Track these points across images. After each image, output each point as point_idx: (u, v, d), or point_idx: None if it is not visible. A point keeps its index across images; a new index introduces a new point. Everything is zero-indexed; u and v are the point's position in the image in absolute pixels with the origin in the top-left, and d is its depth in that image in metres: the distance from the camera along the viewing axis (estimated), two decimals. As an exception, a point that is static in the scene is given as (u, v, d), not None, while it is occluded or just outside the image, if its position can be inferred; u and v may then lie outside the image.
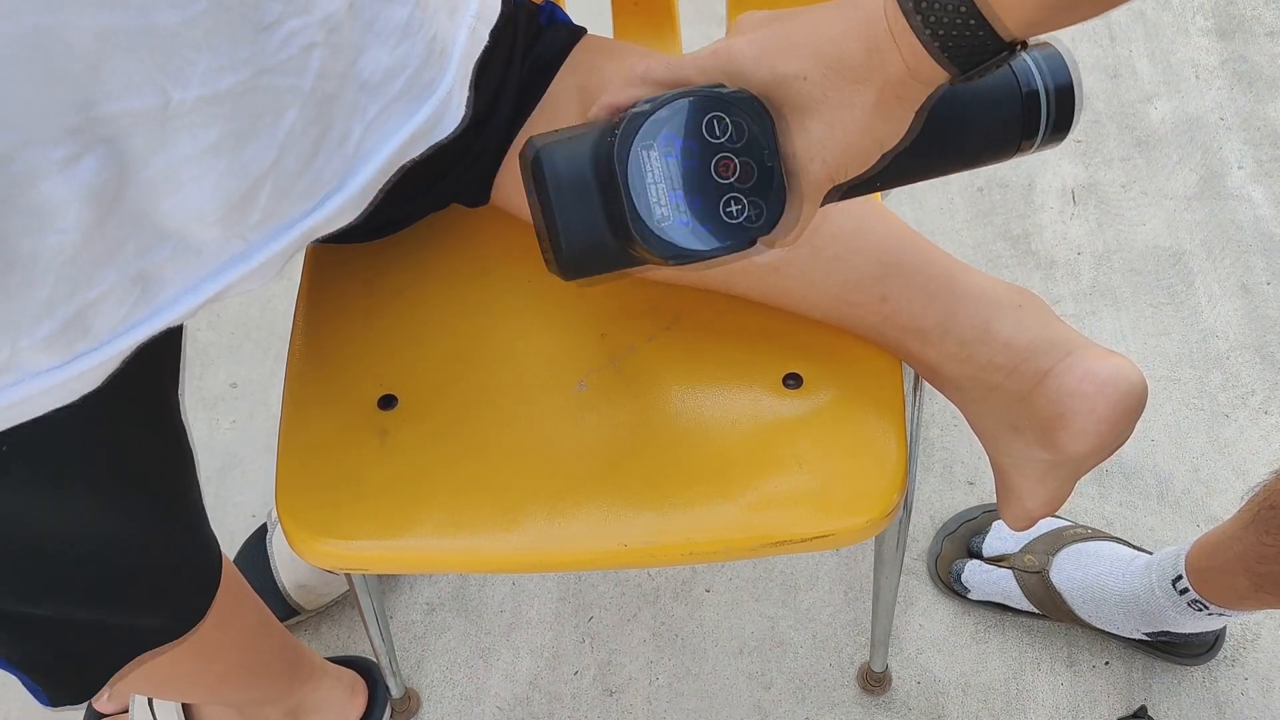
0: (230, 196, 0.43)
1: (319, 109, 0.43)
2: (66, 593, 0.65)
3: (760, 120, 0.50)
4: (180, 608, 0.73)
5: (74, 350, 0.43)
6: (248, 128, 0.41)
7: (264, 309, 1.35)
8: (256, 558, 1.11)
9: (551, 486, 0.68)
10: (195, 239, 0.44)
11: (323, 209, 0.47)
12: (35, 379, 0.43)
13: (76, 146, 0.38)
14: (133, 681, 0.78)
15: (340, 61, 0.43)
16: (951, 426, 1.22)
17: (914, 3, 0.44)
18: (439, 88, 0.49)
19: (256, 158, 0.42)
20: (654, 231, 0.50)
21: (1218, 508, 1.16)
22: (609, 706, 1.08)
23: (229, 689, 0.88)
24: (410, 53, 0.46)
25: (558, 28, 0.73)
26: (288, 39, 0.41)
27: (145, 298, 0.44)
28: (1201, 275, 1.33)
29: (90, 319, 0.43)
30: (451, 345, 0.73)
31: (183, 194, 0.41)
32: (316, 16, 0.41)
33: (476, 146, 0.71)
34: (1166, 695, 1.06)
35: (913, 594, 1.13)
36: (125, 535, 0.65)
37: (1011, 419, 0.65)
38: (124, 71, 0.37)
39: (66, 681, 0.72)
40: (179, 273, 0.45)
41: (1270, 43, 1.53)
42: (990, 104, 0.54)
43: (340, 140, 0.46)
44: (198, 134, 0.40)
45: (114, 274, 0.42)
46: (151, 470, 0.65)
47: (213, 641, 0.80)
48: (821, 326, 0.71)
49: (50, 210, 0.38)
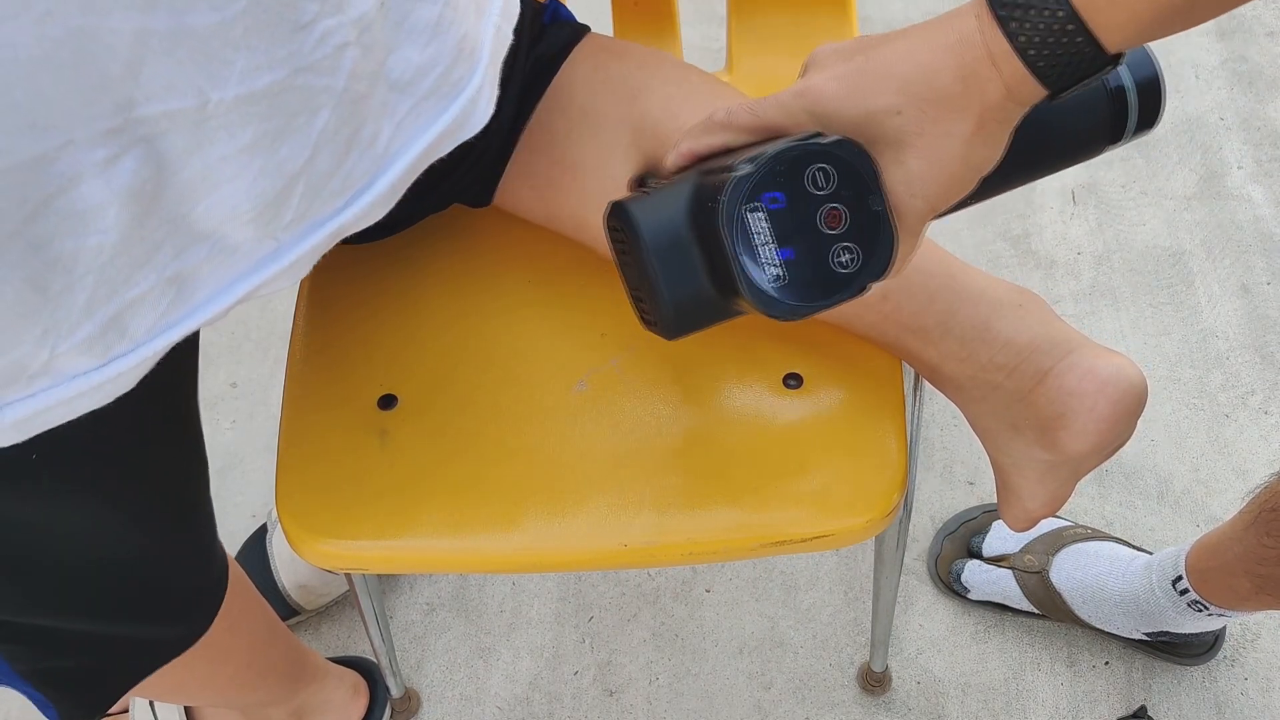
0: (265, 196, 0.43)
1: (351, 108, 0.44)
2: (83, 605, 0.65)
3: (863, 165, 0.48)
4: (193, 620, 0.73)
5: (111, 352, 0.43)
6: (283, 127, 0.42)
7: (264, 309, 1.35)
8: (256, 558, 1.11)
9: (551, 486, 0.68)
10: (230, 239, 0.44)
11: (353, 207, 0.47)
12: (73, 381, 0.43)
13: (116, 147, 0.38)
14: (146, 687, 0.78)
15: (372, 61, 0.43)
16: (951, 426, 1.22)
17: (1016, 23, 0.43)
18: (468, 86, 0.49)
19: (291, 157, 0.43)
20: (767, 293, 0.49)
21: (1218, 508, 1.16)
22: (609, 706, 1.08)
23: (236, 691, 0.88)
24: (440, 52, 0.46)
25: (561, 26, 0.73)
26: (323, 38, 0.41)
27: (180, 298, 0.44)
28: (1201, 275, 1.33)
29: (127, 320, 0.43)
30: (451, 345, 0.73)
31: (219, 194, 0.42)
32: (350, 16, 0.42)
33: (480, 146, 0.71)
34: (1166, 695, 1.06)
35: (913, 594, 1.13)
36: (145, 548, 0.65)
37: (1012, 418, 0.65)
38: (163, 73, 0.37)
39: (77, 696, 0.71)
40: (214, 273, 0.45)
41: (1270, 43, 1.53)
42: (1077, 107, 0.53)
43: (371, 139, 0.46)
44: (235, 133, 0.40)
45: (152, 275, 0.42)
46: (172, 481, 0.65)
47: (223, 645, 0.80)
48: (822, 326, 0.71)
49: (90, 211, 0.39)
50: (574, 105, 0.70)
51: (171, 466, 0.65)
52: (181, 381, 0.63)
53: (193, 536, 0.70)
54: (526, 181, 0.73)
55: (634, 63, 0.71)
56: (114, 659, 0.71)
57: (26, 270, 0.38)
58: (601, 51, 0.72)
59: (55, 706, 0.71)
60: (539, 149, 0.71)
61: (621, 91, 0.70)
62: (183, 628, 0.72)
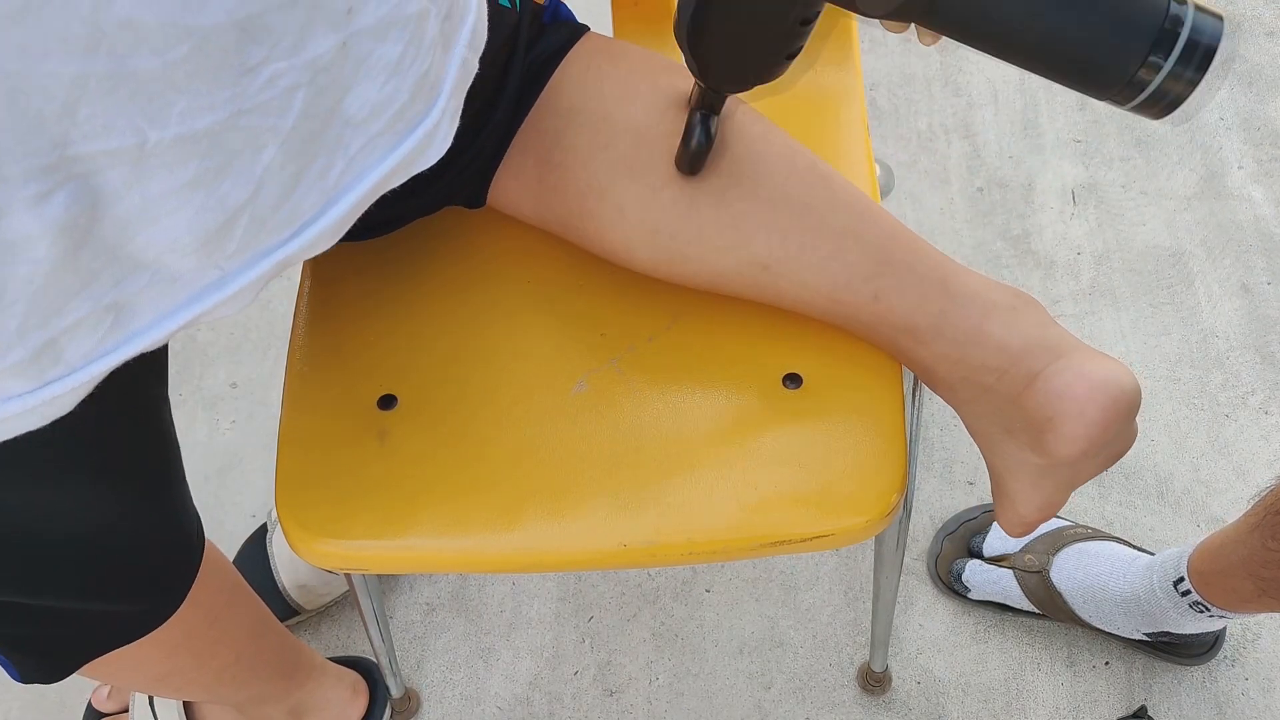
0: (207, 229, 0.42)
1: (301, 145, 0.43)
2: (42, 580, 0.65)
3: None
4: (159, 594, 0.73)
5: (45, 376, 0.43)
6: (224, 164, 0.41)
7: (264, 309, 1.35)
8: (256, 558, 1.11)
9: (551, 486, 0.68)
10: (171, 269, 0.43)
11: (299, 238, 0.46)
12: (6, 403, 0.43)
13: (48, 184, 0.37)
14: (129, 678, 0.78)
15: (326, 100, 0.43)
16: (951, 426, 1.22)
17: None
18: (425, 121, 0.48)
19: (233, 192, 0.42)
20: None
21: (1218, 508, 1.16)
22: (609, 706, 1.08)
23: (226, 686, 0.88)
24: (399, 89, 0.46)
25: (560, 26, 0.73)
26: (270, 81, 0.40)
27: (119, 325, 0.44)
28: (1201, 275, 1.33)
29: (63, 346, 0.43)
30: (451, 345, 0.73)
31: (158, 227, 0.41)
32: (303, 59, 0.41)
33: (476, 146, 0.71)
34: (1166, 695, 1.06)
35: (913, 594, 1.13)
36: (103, 525, 0.65)
37: (1004, 421, 0.65)
38: (100, 113, 0.37)
39: (39, 662, 0.72)
40: (153, 301, 0.44)
41: (1270, 43, 1.53)
42: None
43: (321, 173, 0.45)
44: (174, 170, 0.40)
45: (87, 304, 0.42)
46: (133, 461, 0.65)
47: (207, 638, 0.80)
48: (821, 326, 0.70)
49: (19, 242, 0.38)
50: (564, 105, 0.70)
51: (131, 449, 0.65)
52: (143, 374, 0.62)
53: (156, 515, 0.70)
54: (516, 181, 0.73)
55: (627, 65, 0.71)
56: (79, 631, 0.71)
57: None
58: (597, 53, 0.72)
59: (17, 668, 0.72)
60: (529, 149, 0.71)
61: (611, 93, 0.70)
62: (147, 604, 0.73)
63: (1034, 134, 1.47)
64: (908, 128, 1.48)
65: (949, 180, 1.43)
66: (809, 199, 0.66)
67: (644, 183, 0.67)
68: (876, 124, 1.48)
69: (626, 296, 0.74)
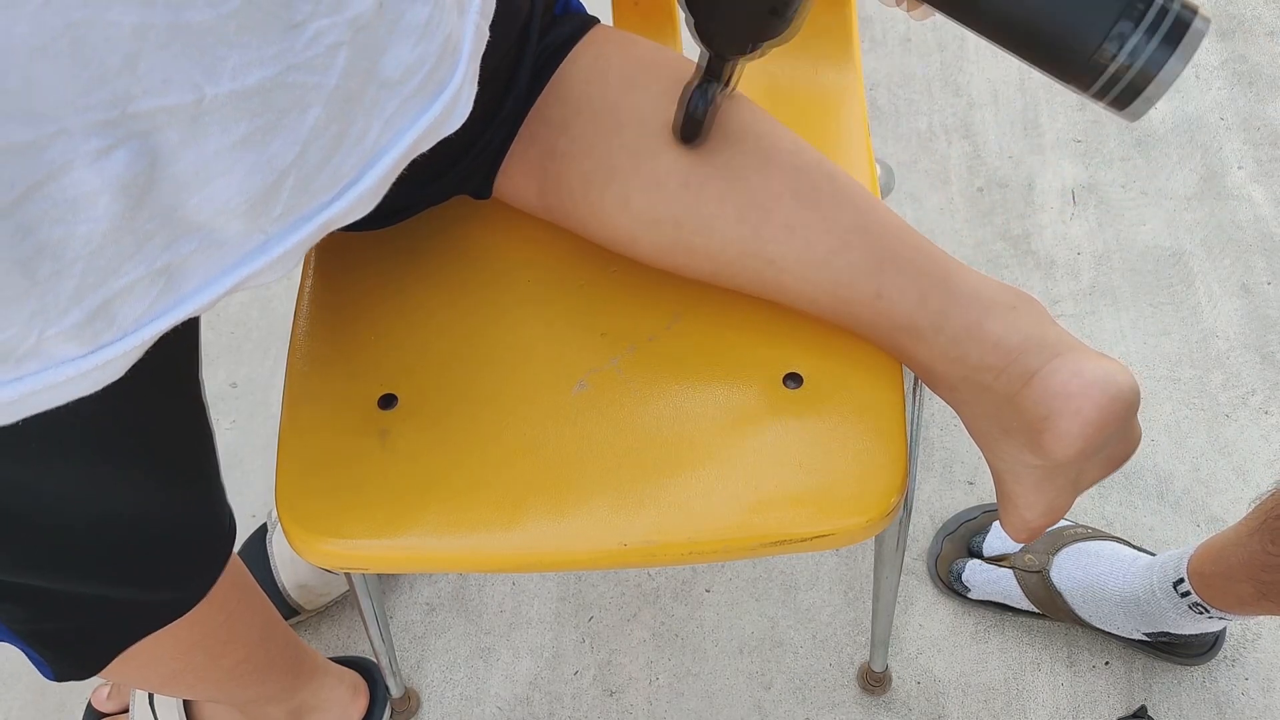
0: (255, 190, 0.43)
1: (342, 106, 0.44)
2: (74, 564, 0.65)
3: None
4: (189, 581, 0.73)
5: (99, 340, 0.44)
6: (274, 123, 0.42)
7: (264, 309, 1.36)
8: (256, 558, 1.11)
9: (551, 486, 0.68)
10: (220, 232, 0.44)
11: (340, 201, 0.48)
12: (60, 367, 0.44)
13: (111, 139, 0.38)
14: (143, 675, 0.78)
15: (365, 60, 0.44)
16: (951, 426, 1.22)
17: None
18: (450, 84, 0.50)
19: (281, 153, 0.43)
20: None
21: (1218, 508, 1.16)
22: (609, 706, 1.08)
23: (235, 685, 0.89)
24: (428, 51, 0.47)
25: (571, 17, 0.74)
26: (315, 37, 0.41)
27: (169, 289, 0.45)
28: (1201, 275, 1.33)
29: (116, 309, 0.43)
30: (452, 345, 0.73)
31: (211, 188, 0.42)
32: (345, 16, 0.42)
33: (485, 136, 0.71)
34: (1166, 695, 1.06)
35: (913, 594, 1.13)
36: (136, 506, 0.65)
37: (1002, 421, 0.65)
38: (160, 67, 0.38)
39: (72, 656, 0.72)
40: (203, 265, 0.45)
41: (1270, 43, 1.53)
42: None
43: (360, 136, 0.46)
44: (227, 129, 0.41)
45: (141, 266, 0.43)
46: (167, 442, 0.66)
47: (221, 636, 0.80)
48: (822, 326, 0.71)
49: (81, 199, 0.39)
50: (571, 95, 0.70)
51: (166, 429, 0.65)
52: (177, 350, 0.63)
53: (189, 499, 0.70)
54: (522, 170, 0.73)
55: (635, 56, 0.71)
56: (109, 620, 0.71)
57: (15, 254, 0.39)
58: (606, 43, 0.72)
59: (51, 666, 0.72)
60: (535, 138, 0.71)
61: (618, 83, 0.70)
62: (175, 589, 0.73)
63: (1034, 134, 1.47)
64: (908, 128, 1.48)
65: (949, 180, 1.43)
66: (815, 195, 0.67)
67: (649, 172, 0.67)
68: (876, 124, 1.48)
69: (627, 296, 0.74)
